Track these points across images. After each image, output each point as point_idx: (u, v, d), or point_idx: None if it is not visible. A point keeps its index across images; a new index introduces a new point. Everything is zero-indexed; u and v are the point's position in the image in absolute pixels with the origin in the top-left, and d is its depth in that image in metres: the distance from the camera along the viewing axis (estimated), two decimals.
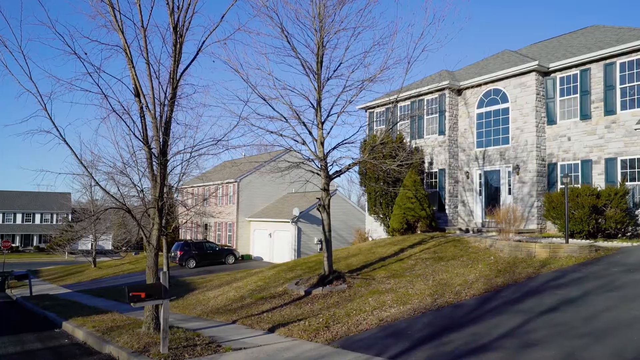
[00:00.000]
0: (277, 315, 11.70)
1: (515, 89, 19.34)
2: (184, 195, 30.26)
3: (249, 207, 38.31)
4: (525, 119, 18.93)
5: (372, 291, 12.25)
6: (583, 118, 17.72)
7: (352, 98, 13.62)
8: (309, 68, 13.58)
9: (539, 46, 22.88)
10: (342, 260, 17.23)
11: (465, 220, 21.20)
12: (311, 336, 9.28)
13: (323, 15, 13.02)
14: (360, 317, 10.26)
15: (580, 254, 12.73)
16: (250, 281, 17.61)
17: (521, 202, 18.82)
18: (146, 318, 9.88)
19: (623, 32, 18.22)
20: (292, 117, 13.83)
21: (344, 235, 34.60)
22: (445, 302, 10.44)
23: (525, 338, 7.71)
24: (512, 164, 19.38)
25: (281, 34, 13.24)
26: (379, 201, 22.23)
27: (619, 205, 15.20)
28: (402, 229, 20.15)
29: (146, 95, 9.96)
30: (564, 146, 18.28)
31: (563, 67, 18.27)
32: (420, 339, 8.42)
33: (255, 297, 14.42)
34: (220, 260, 33.73)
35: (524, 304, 9.50)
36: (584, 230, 15.43)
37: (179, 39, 9.82)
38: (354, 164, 14.51)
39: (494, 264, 13.10)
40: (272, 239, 35.88)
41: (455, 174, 21.62)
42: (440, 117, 21.72)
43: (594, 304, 8.93)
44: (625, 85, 16.63)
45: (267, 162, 28.75)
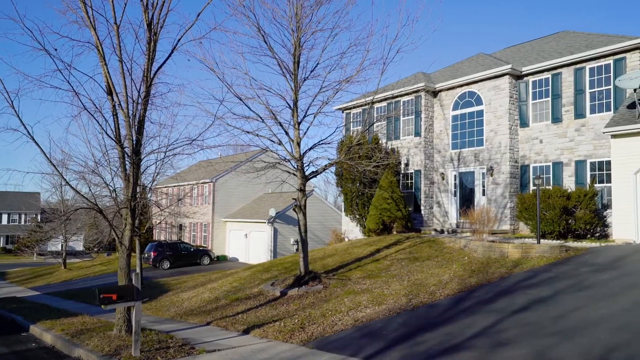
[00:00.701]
0: (252, 316, 11.61)
1: (490, 92, 19.66)
2: (158, 196, 29.80)
3: (225, 207, 37.97)
4: (499, 121, 19.26)
5: (347, 291, 12.27)
6: (554, 121, 18.12)
7: (328, 99, 13.64)
8: (286, 68, 13.53)
9: (512, 50, 23.32)
10: (318, 261, 17.22)
11: (440, 220, 21.44)
12: (286, 337, 9.24)
13: (300, 15, 12.99)
14: (335, 317, 10.25)
15: (551, 254, 13.00)
16: (226, 282, 17.44)
17: (495, 203, 19.14)
18: (117, 320, 9.67)
19: (592, 38, 18.71)
20: (269, 117, 13.76)
21: (321, 236, 34.60)
22: (420, 302, 10.52)
23: (497, 337, 7.82)
24: (486, 165, 19.69)
25: (258, 34, 13.16)
26: (355, 202, 22.30)
27: (588, 206, 15.59)
28: (378, 230, 20.25)
29: (119, 94, 9.76)
30: (536, 148, 18.67)
31: (535, 71, 18.65)
32: (395, 339, 8.46)
33: (230, 299, 14.28)
34: (195, 261, 33.33)
35: (497, 304, 9.64)
36: (555, 230, 15.78)
37: (153, 36, 9.65)
38: (331, 164, 14.52)
39: (468, 264, 13.27)
40: (248, 240, 35.64)
41: (431, 175, 21.86)
42: (416, 119, 21.93)
43: (563, 303, 9.12)
44: (594, 89, 17.07)
45: (243, 162, 28.58)
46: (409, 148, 22.26)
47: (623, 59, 16.29)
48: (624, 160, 14.68)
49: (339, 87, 13.42)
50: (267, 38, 13.18)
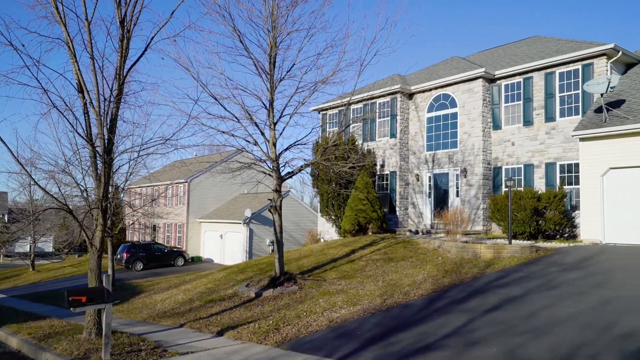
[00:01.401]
0: (227, 318, 11.51)
1: (464, 95, 19.97)
2: (131, 196, 29.29)
3: (200, 208, 37.57)
4: (473, 123, 19.58)
5: (323, 292, 12.27)
6: (526, 124, 18.52)
7: (304, 99, 13.63)
8: (262, 68, 13.47)
9: (486, 54, 23.74)
10: (293, 262, 17.19)
11: (415, 221, 21.66)
12: (261, 339, 9.19)
13: (276, 15, 12.95)
14: (310, 318, 10.25)
15: (522, 254, 13.27)
16: (200, 283, 17.25)
17: (468, 204, 19.44)
18: (87, 323, 9.46)
19: (562, 44, 19.19)
20: (244, 118, 13.67)
21: (296, 237, 34.56)
22: (395, 303, 10.60)
23: (469, 337, 7.93)
24: (460, 167, 19.98)
25: (233, 33, 13.06)
26: (331, 203, 22.35)
27: (558, 207, 15.98)
28: (353, 230, 20.34)
29: (90, 91, 9.55)
30: (508, 150, 19.04)
31: (508, 75, 19.03)
32: (369, 339, 8.50)
33: (205, 300, 14.12)
34: (169, 262, 32.86)
35: (469, 304, 9.79)
36: (526, 231, 16.12)
37: (126, 34, 9.48)
38: (306, 165, 14.51)
39: (442, 265, 13.44)
40: (224, 241, 35.34)
41: (406, 177, 22.07)
42: (392, 121, 22.11)
43: (533, 302, 9.32)
44: (564, 93, 17.52)
45: (218, 163, 28.33)
46: (384, 149, 22.42)
47: (591, 65, 16.76)
48: (591, 163, 15.10)
49: (315, 88, 13.44)
50: (242, 38, 13.10)
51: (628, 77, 17.09)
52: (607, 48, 16.25)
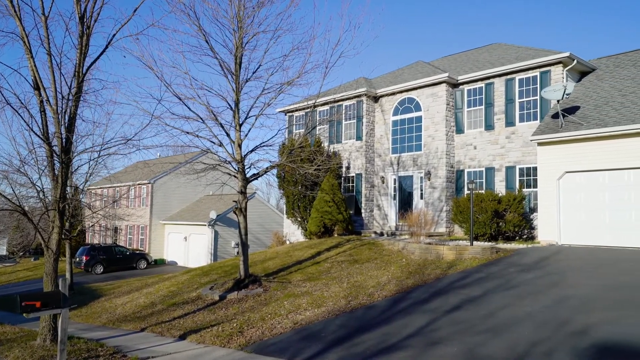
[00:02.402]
0: (190, 321, 11.32)
1: (428, 99, 20.33)
2: (91, 197, 28.43)
3: (164, 209, 36.86)
4: (437, 127, 19.95)
5: (287, 294, 12.24)
6: (487, 128, 19.00)
7: (270, 101, 13.58)
8: (227, 69, 13.35)
9: (450, 59, 24.24)
10: (259, 264, 17.08)
11: (380, 223, 21.88)
12: (224, 342, 9.08)
13: (242, 16, 12.86)
14: (275, 320, 10.20)
15: (483, 255, 13.60)
16: (163, 287, 16.91)
17: (432, 206, 19.78)
18: (42, 329, 9.12)
19: (521, 51, 19.81)
20: (209, 118, 13.51)
21: (262, 239, 34.35)
22: (359, 304, 10.68)
23: (431, 336, 8.07)
24: (424, 170, 20.32)
25: (198, 33, 12.90)
26: (297, 204, 22.32)
27: (517, 210, 16.46)
28: (319, 232, 20.37)
29: (47, 89, 9.24)
30: (471, 154, 19.49)
31: (470, 80, 19.49)
32: (333, 340, 8.53)
33: (167, 303, 13.85)
34: (131, 265, 32.09)
35: (432, 304, 9.96)
36: (487, 233, 16.53)
37: (86, 30, 9.21)
38: (272, 167, 14.46)
39: (406, 266, 13.63)
40: (188, 243, 34.78)
41: (372, 179, 22.27)
42: (358, 123, 22.29)
43: (493, 302, 9.57)
44: (523, 99, 18.07)
45: (182, 164, 27.86)
46: (350, 152, 22.58)
47: (548, 72, 17.36)
48: (548, 167, 15.63)
49: (281, 90, 13.41)
50: (208, 37, 12.96)
51: (582, 85, 17.80)
52: (563, 56, 16.87)
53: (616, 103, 15.38)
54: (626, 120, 14.06)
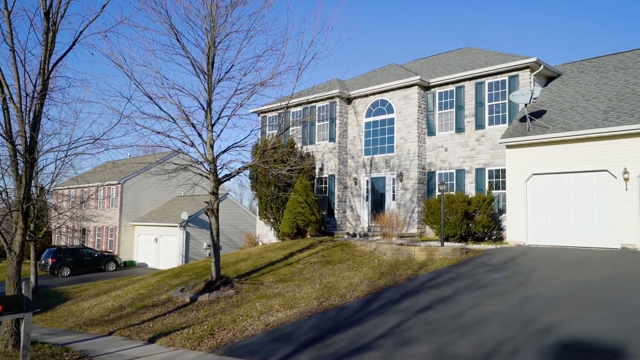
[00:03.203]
0: (159, 324, 11.14)
1: (400, 101, 20.55)
2: (58, 198, 27.67)
3: (134, 210, 36.17)
4: (409, 129, 20.19)
5: (259, 296, 12.18)
6: (458, 131, 19.33)
7: (243, 101, 13.49)
8: (200, 68, 13.21)
9: (422, 62, 24.57)
10: (231, 265, 16.93)
11: (353, 224, 21.99)
12: (194, 345, 8.97)
13: (215, 15, 12.75)
14: (246, 322, 10.13)
15: (453, 256, 13.83)
16: (132, 289, 16.58)
17: (404, 207, 20.00)
18: (4, 335, 8.82)
19: (491, 56, 20.24)
20: (181, 118, 13.33)
21: (235, 240, 34.09)
22: (331, 305, 10.70)
23: (402, 336, 8.15)
24: (396, 171, 20.52)
25: (170, 31, 12.72)
26: (270, 206, 22.24)
27: (486, 211, 16.80)
28: (292, 234, 20.34)
29: (11, 86, 8.96)
30: (442, 156, 19.79)
31: (441, 83, 19.81)
32: (305, 342, 8.53)
33: (136, 306, 13.59)
34: (99, 268, 31.36)
35: (403, 304, 10.06)
36: (457, 234, 16.81)
37: (52, 26, 8.96)
38: (244, 167, 14.36)
39: (378, 267, 13.73)
40: (159, 244, 34.22)
41: (345, 180, 22.37)
42: (331, 124, 22.36)
43: (462, 302, 9.73)
44: (492, 103, 18.46)
45: (153, 164, 27.40)
46: (323, 153, 22.63)
47: (516, 76, 17.79)
48: (516, 169, 16.01)
49: (254, 90, 13.34)
50: (180, 36, 12.79)
51: (549, 90, 18.30)
52: (531, 61, 17.31)
53: (580, 108, 15.87)
54: (589, 125, 14.52)
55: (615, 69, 17.69)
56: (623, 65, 17.74)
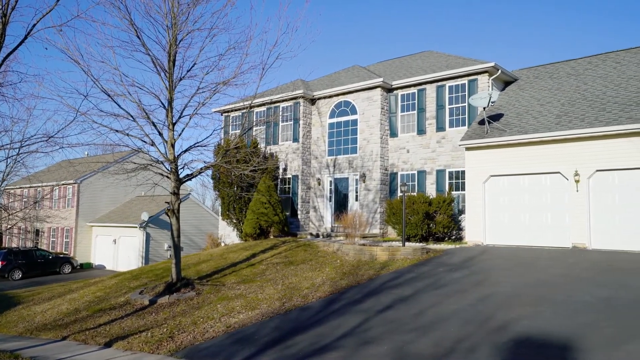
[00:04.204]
0: (117, 327, 10.84)
1: (363, 102, 20.75)
2: (9, 198, 26.52)
3: (91, 211, 35.05)
4: (372, 130, 20.41)
5: (221, 297, 12.03)
6: (419, 133, 19.69)
7: (205, 100, 13.30)
8: (161, 66, 12.94)
9: (385, 64, 24.89)
10: (192, 267, 16.66)
11: (316, 225, 22.04)
12: (153, 348, 8.78)
13: (176, 13, 12.52)
14: (207, 324, 10.00)
15: (414, 256, 14.06)
16: (88, 292, 16.07)
17: (367, 208, 20.20)
18: None
19: (452, 60, 20.72)
20: (141, 117, 13.02)
21: (197, 241, 33.57)
22: (293, 306, 10.69)
23: (363, 336, 8.23)
24: (359, 172, 20.70)
25: (130, 27, 12.40)
26: (232, 206, 22.02)
27: (447, 212, 17.17)
28: (255, 234, 20.20)
29: None
30: (404, 157, 20.11)
31: (404, 86, 20.12)
32: (267, 343, 8.49)
33: (93, 310, 13.17)
34: (54, 270, 30.23)
35: (364, 304, 10.16)
36: (419, 234, 17.11)
37: (2, 18, 8.58)
38: (206, 167, 14.16)
39: (340, 267, 13.81)
40: (117, 246, 33.30)
41: (308, 181, 22.39)
42: (295, 125, 22.35)
43: (422, 301, 9.91)
44: (453, 105, 18.90)
45: (111, 164, 26.59)
46: (287, 153, 22.58)
47: (475, 80, 18.28)
48: (475, 171, 16.44)
49: (217, 89, 13.17)
50: (140, 33, 12.48)
51: (506, 94, 18.89)
52: (489, 66, 17.82)
53: (535, 112, 16.45)
54: (543, 128, 15.07)
55: (568, 75, 18.44)
56: (575, 71, 18.51)
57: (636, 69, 16.59)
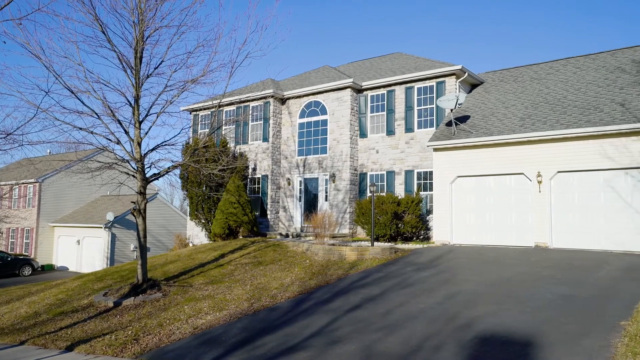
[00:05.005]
0: (79, 330, 10.54)
1: (333, 103, 20.82)
2: None
3: (54, 211, 33.98)
4: (341, 131, 20.50)
5: (188, 299, 11.86)
6: (389, 134, 19.89)
7: (173, 98, 13.08)
8: (127, 63, 12.65)
9: (355, 65, 25.04)
10: (159, 268, 16.36)
11: (285, 225, 21.98)
12: (117, 351, 8.58)
13: (144, 9, 12.26)
14: (173, 326, 9.83)
15: (382, 255, 14.19)
16: (49, 294, 15.56)
17: (336, 208, 20.27)
18: None
19: (420, 62, 21.01)
20: (106, 114, 12.71)
21: (164, 242, 33.00)
22: (262, 306, 10.63)
23: (332, 336, 8.25)
24: (329, 172, 20.76)
25: (94, 22, 12.07)
26: (201, 206, 21.73)
27: (415, 212, 17.40)
28: (224, 234, 20.00)
29: None
30: (373, 158, 20.27)
31: (373, 87, 20.29)
32: (234, 344, 8.41)
33: (54, 313, 12.77)
34: (12, 272, 29.16)
35: (333, 304, 10.19)
36: (387, 234, 17.28)
37: None
38: (174, 166, 13.93)
39: (309, 267, 13.81)
40: (81, 247, 32.39)
41: (278, 180, 22.32)
42: (265, 124, 22.23)
43: (390, 300, 10.01)
44: (421, 107, 19.18)
45: (75, 162, 25.83)
46: (257, 153, 22.45)
47: (443, 82, 18.59)
48: (443, 171, 16.72)
49: (185, 87, 12.98)
50: (105, 28, 12.17)
51: (472, 96, 19.29)
52: (456, 69, 18.17)
53: (500, 114, 16.86)
54: (508, 130, 15.46)
55: (531, 79, 18.97)
56: (537, 75, 19.06)
57: (595, 74, 17.21)
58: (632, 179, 13.50)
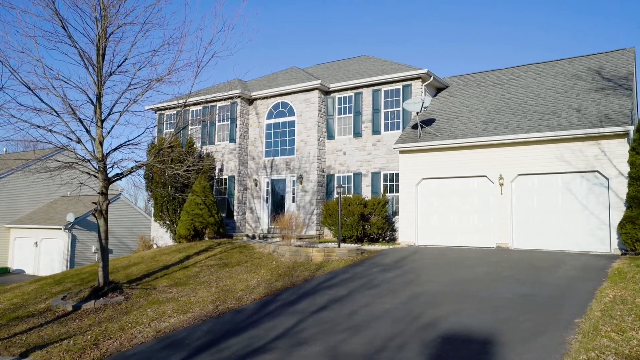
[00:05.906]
0: (35, 336, 10.16)
1: (301, 104, 20.83)
2: None
3: (9, 211, 32.67)
4: (309, 132, 20.53)
5: (151, 301, 11.62)
6: (356, 135, 20.05)
7: (137, 97, 12.80)
8: (88, 59, 12.30)
9: (323, 67, 25.13)
10: (121, 270, 15.96)
11: (252, 226, 21.83)
12: (75, 357, 8.32)
13: (106, 4, 11.96)
14: (135, 330, 9.61)
15: (349, 257, 14.28)
16: (3, 299, 14.94)
17: (303, 209, 20.28)
18: None
19: (387, 65, 21.28)
20: (66, 112, 12.30)
21: (128, 243, 32.23)
22: (227, 308, 10.52)
23: (297, 337, 8.24)
24: (296, 173, 20.75)
25: (54, 17, 11.69)
26: (166, 207, 21.35)
27: (381, 213, 17.59)
28: (189, 236, 19.70)
29: None
30: (340, 159, 20.39)
31: (341, 89, 20.42)
32: (198, 347, 8.29)
33: (7, 318, 12.26)
34: None
35: (299, 305, 10.18)
36: (354, 235, 17.40)
37: None
38: (138, 167, 13.63)
39: (276, 269, 13.76)
40: (39, 249, 31.26)
41: (245, 181, 22.15)
42: (232, 125, 22.04)
43: (356, 301, 10.08)
44: (388, 110, 19.42)
45: (33, 161, 24.95)
46: (223, 153, 22.22)
47: (409, 86, 18.89)
48: (408, 174, 16.97)
49: (150, 86, 12.71)
50: (65, 23, 11.80)
51: (438, 100, 19.66)
52: (422, 72, 18.48)
53: (464, 118, 17.24)
54: (472, 134, 15.83)
55: (494, 84, 19.49)
56: (500, 81, 19.60)
57: (554, 80, 17.83)
58: (587, 182, 14.05)
